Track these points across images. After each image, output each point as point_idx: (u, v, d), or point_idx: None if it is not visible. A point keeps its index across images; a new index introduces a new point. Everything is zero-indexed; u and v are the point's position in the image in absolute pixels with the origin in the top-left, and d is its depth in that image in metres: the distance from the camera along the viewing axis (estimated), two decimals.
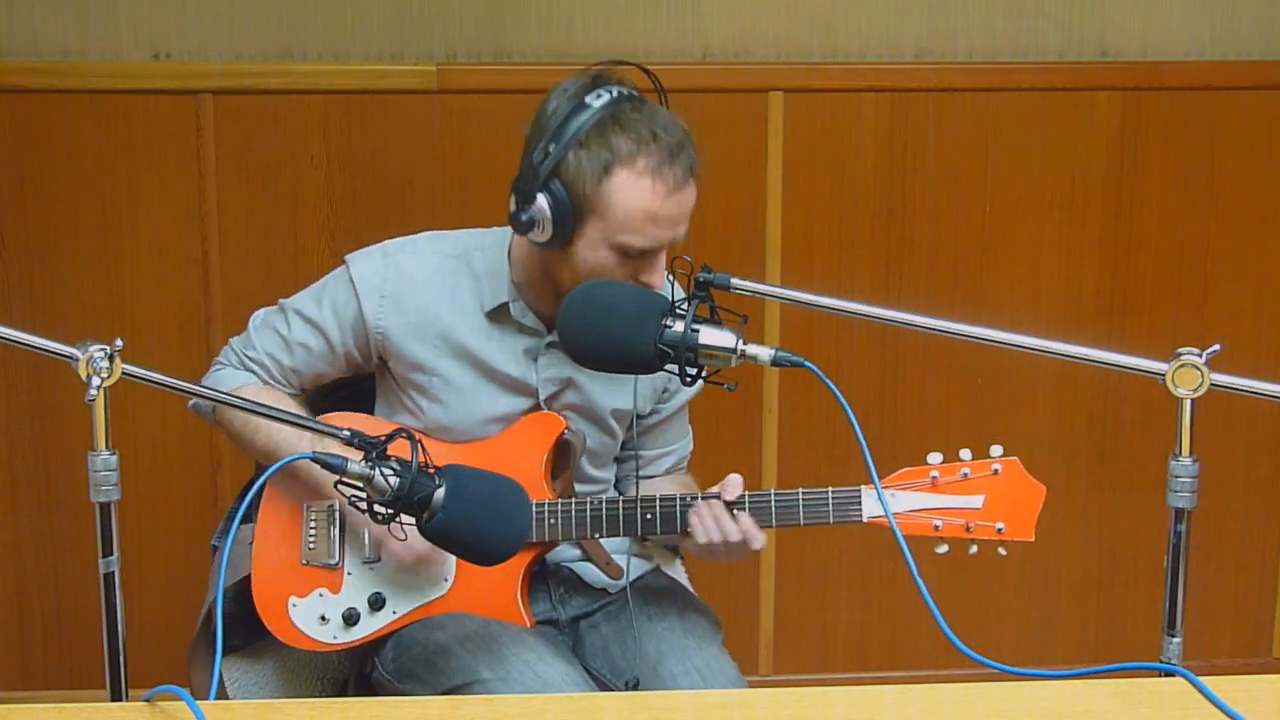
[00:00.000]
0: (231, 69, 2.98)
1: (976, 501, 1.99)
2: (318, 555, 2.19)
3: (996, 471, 1.99)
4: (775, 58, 3.07)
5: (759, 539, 2.07)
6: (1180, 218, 3.16)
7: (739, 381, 1.85)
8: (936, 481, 2.00)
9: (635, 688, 2.09)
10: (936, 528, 1.99)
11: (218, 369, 2.27)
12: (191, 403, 2.27)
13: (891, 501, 2.00)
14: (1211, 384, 1.64)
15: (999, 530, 1.98)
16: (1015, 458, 2.00)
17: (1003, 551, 2.00)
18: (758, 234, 3.09)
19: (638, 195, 2.00)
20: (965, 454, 2.00)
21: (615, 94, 2.03)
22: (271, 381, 2.24)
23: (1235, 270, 3.19)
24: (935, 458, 2.00)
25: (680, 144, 2.03)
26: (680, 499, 2.09)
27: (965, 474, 1.99)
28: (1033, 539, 1.98)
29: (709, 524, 2.06)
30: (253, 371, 2.24)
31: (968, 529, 1.99)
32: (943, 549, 2.00)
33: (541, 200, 2.02)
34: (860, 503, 2.03)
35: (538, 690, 1.98)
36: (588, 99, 2.02)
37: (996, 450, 2.00)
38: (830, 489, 2.04)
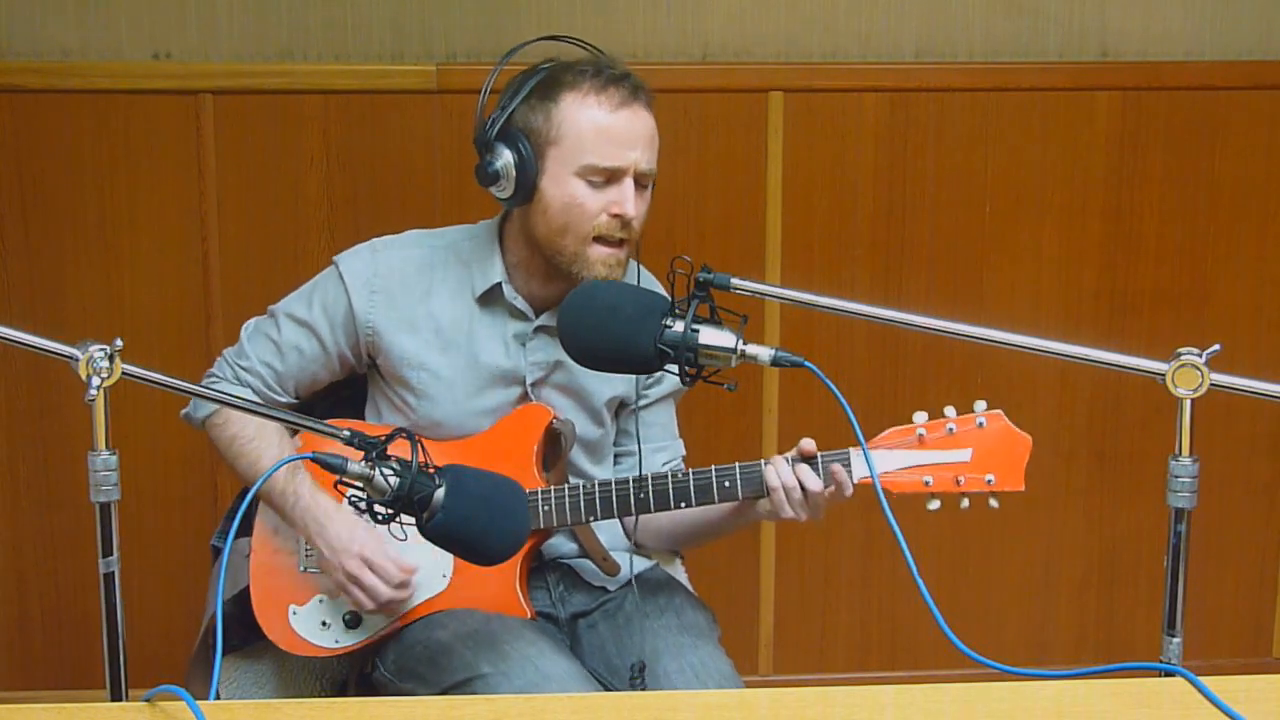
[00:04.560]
0: (231, 69, 2.98)
1: (964, 455, 1.99)
2: (316, 561, 2.19)
3: (982, 425, 1.99)
4: (775, 58, 3.07)
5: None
6: (1180, 218, 3.17)
7: (739, 381, 1.85)
8: (923, 438, 2.00)
9: (642, 672, 2.09)
10: (927, 483, 1.99)
11: (212, 382, 2.27)
12: (183, 412, 2.27)
13: (880, 461, 2.00)
14: (1211, 384, 1.64)
15: (989, 482, 1.98)
16: (999, 410, 2.00)
17: (994, 504, 2.00)
18: (758, 234, 3.09)
19: (585, 112, 2.08)
20: (950, 410, 2.01)
21: (563, 61, 2.14)
22: (267, 390, 2.24)
23: (1235, 270, 3.20)
24: (920, 416, 2.01)
25: (625, 74, 2.11)
26: (671, 475, 2.09)
27: (951, 429, 2.00)
28: (1023, 488, 1.98)
29: (785, 474, 2.04)
30: (248, 385, 2.24)
31: (958, 482, 1.99)
32: (935, 505, 2.00)
33: (500, 148, 2.10)
34: (849, 465, 2.04)
35: (538, 684, 1.98)
36: (539, 66, 2.14)
37: (980, 405, 2.01)
38: (820, 453, 2.04)
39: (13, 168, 2.98)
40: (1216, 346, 1.65)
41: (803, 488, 2.04)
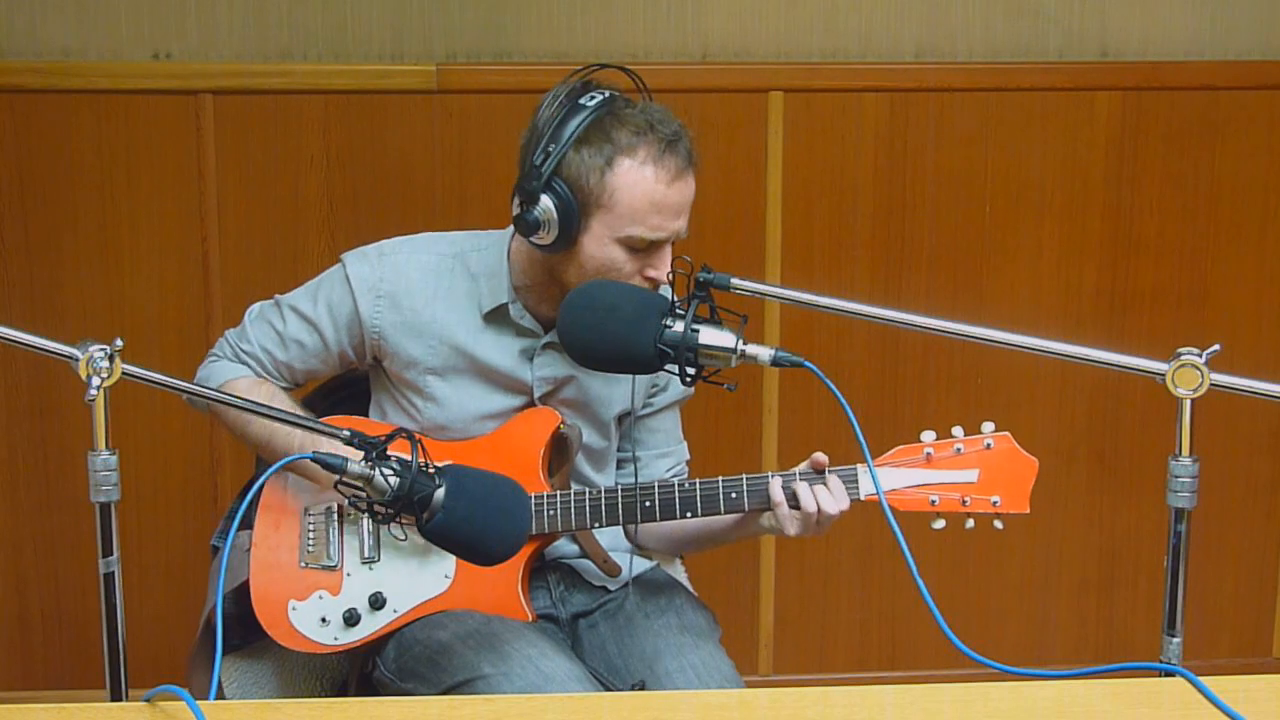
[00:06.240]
0: (231, 69, 2.98)
1: (971, 476, 2.00)
2: (316, 557, 2.19)
3: (989, 446, 2.00)
4: (775, 58, 3.07)
5: (845, 500, 2.04)
6: (1180, 218, 3.17)
7: (739, 381, 1.85)
8: (931, 458, 2.00)
9: (642, 689, 2.09)
10: (933, 503, 2.00)
11: (213, 360, 2.28)
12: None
13: (887, 478, 2.00)
14: (1211, 384, 1.64)
15: (994, 504, 1.99)
16: (1007, 433, 2.01)
17: (999, 525, 2.00)
18: (758, 234, 3.10)
19: (641, 184, 2.03)
20: (958, 431, 2.02)
21: (608, 94, 2.07)
22: (265, 375, 2.25)
23: (1235, 270, 3.20)
24: (928, 435, 2.01)
25: (676, 134, 2.07)
26: (678, 484, 2.09)
27: (959, 449, 2.00)
28: (1028, 511, 1.99)
29: (822, 495, 2.03)
30: (247, 365, 2.25)
31: (963, 503, 1.99)
32: (939, 524, 2.00)
33: (545, 200, 2.04)
34: (857, 481, 2.04)
35: (540, 685, 1.98)
36: (581, 100, 2.06)
37: (988, 426, 2.01)
38: (827, 468, 2.04)
39: (13, 168, 2.98)
40: (1216, 346, 1.65)
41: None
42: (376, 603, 2.16)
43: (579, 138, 2.03)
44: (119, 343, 1.67)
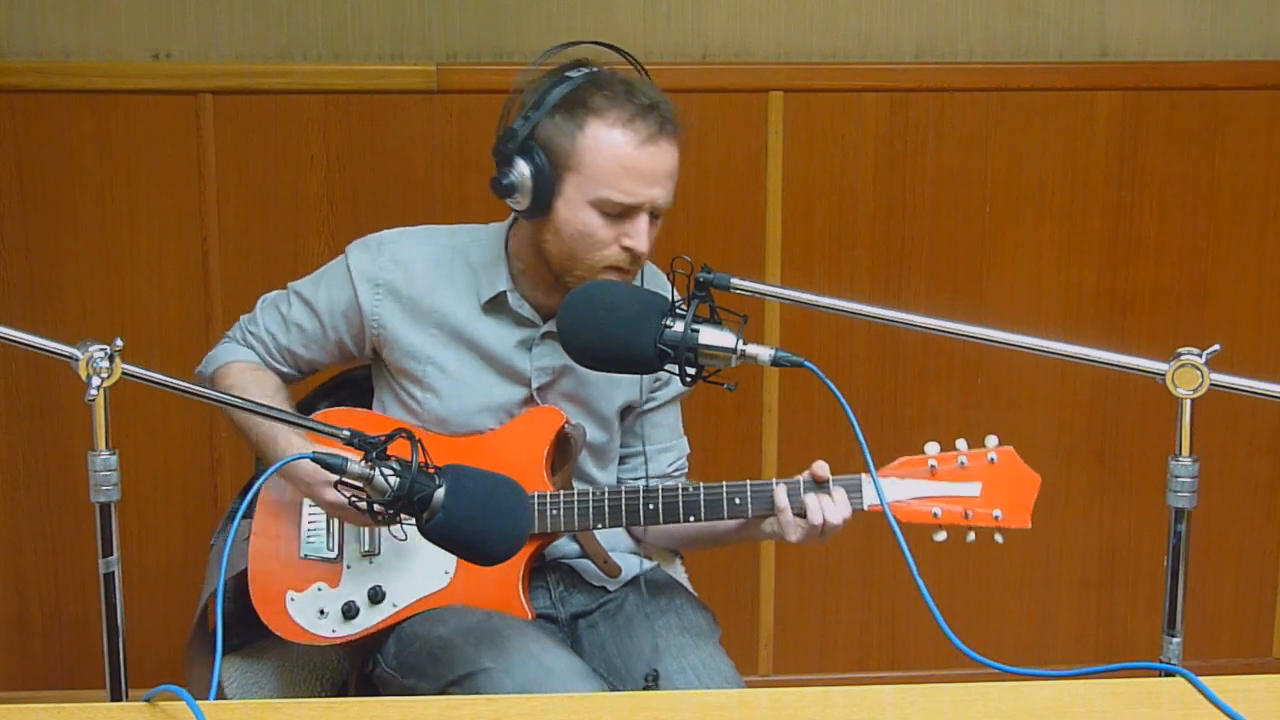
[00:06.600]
0: (231, 69, 2.98)
1: (974, 489, 2.00)
2: (316, 549, 2.19)
3: (993, 460, 2.01)
4: (775, 58, 3.07)
5: (848, 509, 2.05)
6: (1180, 218, 3.17)
7: (739, 381, 1.85)
8: (935, 470, 2.01)
9: (655, 680, 2.09)
10: (935, 515, 2.00)
11: (224, 342, 2.33)
12: (196, 370, 2.32)
13: (891, 489, 2.01)
14: (1211, 384, 1.64)
15: (996, 517, 2.00)
16: (1010, 447, 2.02)
17: (999, 539, 2.01)
18: (758, 234, 3.10)
19: (609, 145, 2.04)
20: (961, 444, 2.02)
21: (595, 69, 2.09)
22: (269, 358, 2.28)
23: (1235, 270, 3.20)
24: (932, 447, 2.02)
25: (654, 103, 2.07)
26: (682, 488, 2.09)
27: (962, 462, 2.01)
28: (1029, 526, 1.99)
29: (826, 505, 2.04)
30: (252, 348, 2.29)
31: (965, 516, 2.00)
32: (941, 537, 2.01)
33: (520, 162, 2.06)
34: (861, 490, 2.04)
35: (540, 679, 1.97)
36: (568, 73, 2.09)
37: (991, 440, 2.02)
38: (831, 477, 2.04)
39: (13, 168, 2.98)
40: (1216, 346, 1.65)
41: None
42: (375, 596, 2.16)
43: (556, 104, 2.05)
44: (119, 343, 1.67)
